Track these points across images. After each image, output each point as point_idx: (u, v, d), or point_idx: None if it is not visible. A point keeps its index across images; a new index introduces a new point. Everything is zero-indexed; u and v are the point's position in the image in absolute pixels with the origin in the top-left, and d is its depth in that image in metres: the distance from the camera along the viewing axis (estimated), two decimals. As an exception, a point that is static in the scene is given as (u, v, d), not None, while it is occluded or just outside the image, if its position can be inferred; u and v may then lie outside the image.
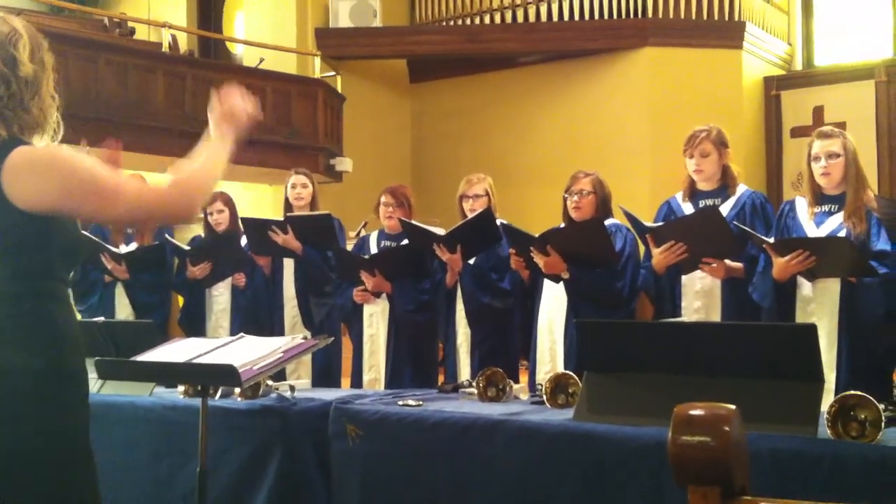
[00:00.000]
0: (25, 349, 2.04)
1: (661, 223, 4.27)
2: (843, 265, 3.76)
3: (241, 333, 3.20)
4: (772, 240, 3.88)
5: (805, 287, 3.87)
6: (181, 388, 3.83)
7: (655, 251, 4.13)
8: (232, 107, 2.41)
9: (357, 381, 5.09)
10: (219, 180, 2.29)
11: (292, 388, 3.65)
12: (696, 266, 4.12)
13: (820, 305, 3.84)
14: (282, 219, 5.39)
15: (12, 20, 2.17)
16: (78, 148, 2.41)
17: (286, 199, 5.55)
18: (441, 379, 4.85)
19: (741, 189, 4.30)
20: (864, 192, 3.87)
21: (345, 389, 4.65)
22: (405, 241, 4.96)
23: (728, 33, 9.72)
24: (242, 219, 5.66)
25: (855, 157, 3.90)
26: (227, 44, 11.54)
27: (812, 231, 3.93)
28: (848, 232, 3.82)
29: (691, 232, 4.06)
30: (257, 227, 5.43)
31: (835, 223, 3.89)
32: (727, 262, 4.09)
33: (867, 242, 3.79)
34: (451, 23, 10.84)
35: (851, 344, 3.77)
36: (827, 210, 3.94)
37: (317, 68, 10.06)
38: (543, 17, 10.16)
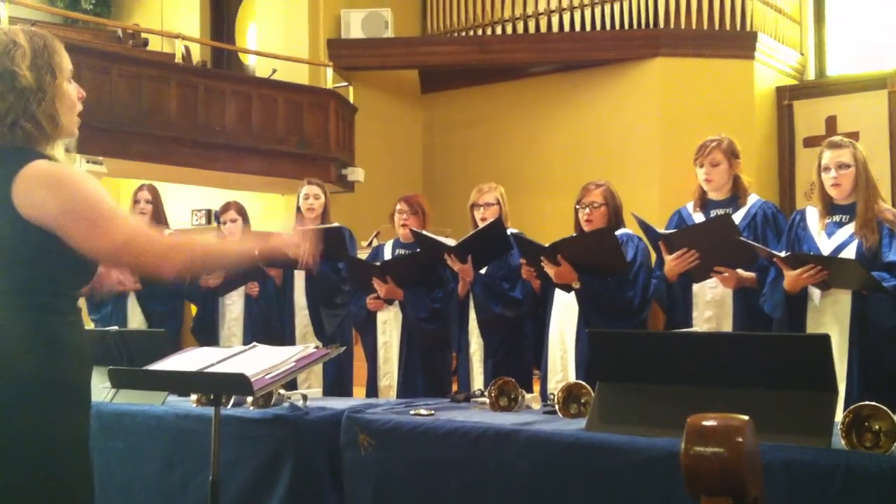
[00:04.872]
0: (25, 361, 2.05)
1: (674, 230, 4.27)
2: (854, 282, 3.75)
3: (254, 342, 3.21)
4: (783, 253, 3.86)
5: (816, 298, 3.86)
6: (194, 396, 3.84)
7: (668, 258, 4.13)
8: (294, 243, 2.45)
9: (372, 389, 5.09)
10: (208, 271, 2.31)
11: (304, 398, 3.65)
12: (708, 274, 4.11)
13: (831, 317, 3.82)
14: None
15: (14, 32, 2.14)
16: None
17: (298, 209, 5.56)
18: (454, 388, 4.85)
19: (752, 199, 4.29)
20: (875, 203, 3.86)
21: (357, 399, 4.65)
22: (419, 250, 4.97)
23: (740, 43, 9.70)
24: (253, 232, 5.68)
25: (865, 167, 3.88)
26: (240, 55, 11.57)
27: (823, 241, 3.92)
28: (859, 243, 3.80)
29: (704, 240, 4.05)
30: None
31: (846, 234, 3.88)
32: (739, 271, 4.07)
33: (879, 253, 3.77)
34: (463, 34, 10.85)
35: (862, 355, 3.75)
36: (838, 220, 3.92)
37: (329, 79, 10.08)
38: (555, 28, 10.17)
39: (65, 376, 2.12)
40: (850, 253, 3.81)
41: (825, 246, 3.90)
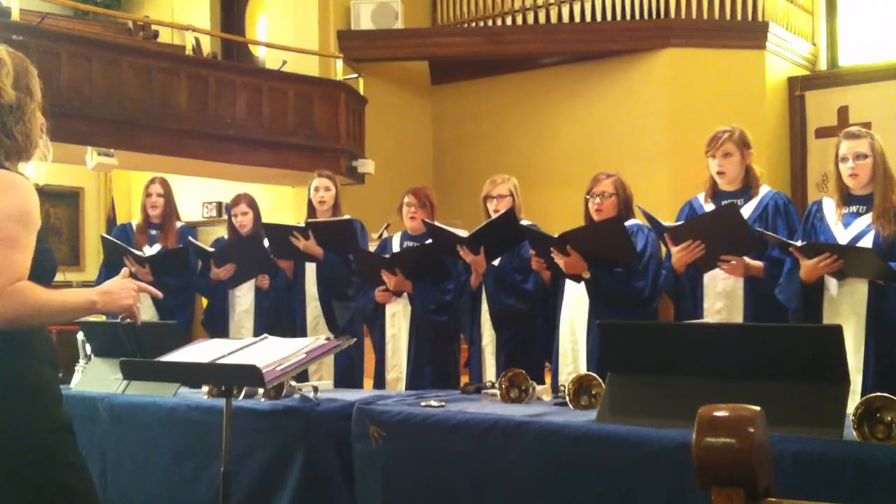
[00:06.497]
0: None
1: (679, 222, 4.26)
2: (870, 271, 3.73)
3: (265, 334, 3.21)
4: (798, 242, 3.85)
5: (832, 289, 3.84)
6: (205, 388, 3.86)
7: (674, 250, 4.13)
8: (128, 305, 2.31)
9: (379, 381, 5.10)
10: (42, 321, 2.19)
11: (315, 389, 3.66)
12: (715, 264, 4.10)
13: (847, 307, 3.80)
14: (303, 224, 5.40)
15: None
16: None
17: (309, 202, 5.56)
18: (464, 380, 4.85)
19: (764, 189, 4.28)
20: (892, 193, 3.84)
21: (367, 390, 4.66)
22: (427, 241, 4.97)
23: (751, 34, 9.65)
24: (264, 224, 5.69)
25: (883, 157, 3.87)
26: (250, 46, 11.58)
27: (840, 232, 3.90)
28: (876, 233, 3.79)
29: (709, 230, 4.05)
30: (279, 233, 5.45)
31: (863, 224, 3.86)
32: (746, 259, 4.07)
33: (895, 244, 3.75)
34: (473, 24, 10.84)
35: (879, 346, 3.73)
36: (855, 211, 3.91)
37: (339, 70, 10.08)
38: (565, 19, 10.15)
39: (33, 375, 2.17)
40: (866, 243, 3.80)
41: (842, 236, 3.89)
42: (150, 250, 5.79)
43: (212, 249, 5.80)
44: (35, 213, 2.14)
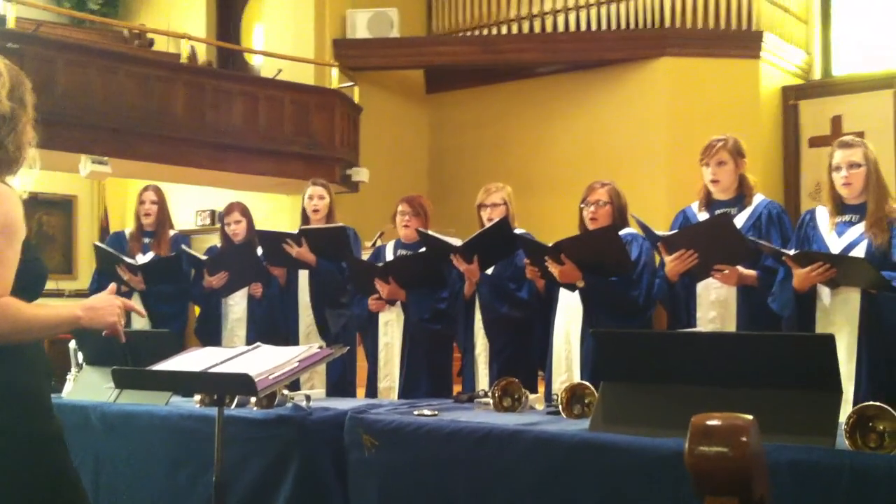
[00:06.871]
0: None
1: (672, 231, 4.26)
2: (862, 280, 3.73)
3: (258, 343, 3.20)
4: (791, 251, 3.86)
5: (825, 298, 3.84)
6: (197, 397, 3.84)
7: (667, 259, 4.13)
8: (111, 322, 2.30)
9: (372, 390, 5.09)
10: (26, 337, 2.15)
11: (308, 398, 3.64)
12: (708, 273, 4.10)
13: (840, 316, 3.80)
14: (296, 231, 5.40)
15: None
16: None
17: (303, 210, 5.56)
18: (459, 389, 4.83)
19: (758, 198, 4.28)
20: (885, 202, 3.84)
21: (360, 399, 4.65)
22: (421, 250, 4.96)
23: (746, 43, 9.69)
24: (257, 231, 5.68)
25: (876, 166, 3.88)
26: (246, 55, 11.59)
27: (833, 241, 3.90)
28: (869, 242, 3.79)
29: (702, 239, 4.05)
30: (272, 240, 5.44)
31: (856, 233, 3.86)
32: (739, 268, 4.07)
33: (888, 253, 3.76)
34: (469, 33, 10.86)
35: (871, 355, 3.73)
36: (848, 220, 3.91)
37: (334, 79, 10.09)
38: (561, 28, 10.17)
39: (26, 386, 2.17)
40: (859, 252, 3.80)
41: (835, 245, 3.89)
42: (143, 258, 5.77)
43: (205, 258, 5.78)
44: (18, 225, 2.12)
